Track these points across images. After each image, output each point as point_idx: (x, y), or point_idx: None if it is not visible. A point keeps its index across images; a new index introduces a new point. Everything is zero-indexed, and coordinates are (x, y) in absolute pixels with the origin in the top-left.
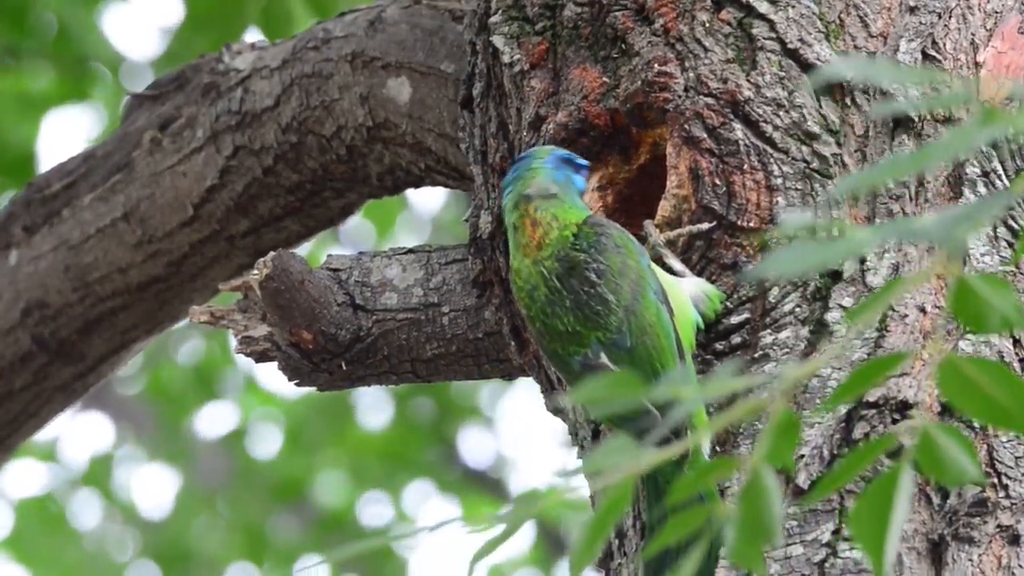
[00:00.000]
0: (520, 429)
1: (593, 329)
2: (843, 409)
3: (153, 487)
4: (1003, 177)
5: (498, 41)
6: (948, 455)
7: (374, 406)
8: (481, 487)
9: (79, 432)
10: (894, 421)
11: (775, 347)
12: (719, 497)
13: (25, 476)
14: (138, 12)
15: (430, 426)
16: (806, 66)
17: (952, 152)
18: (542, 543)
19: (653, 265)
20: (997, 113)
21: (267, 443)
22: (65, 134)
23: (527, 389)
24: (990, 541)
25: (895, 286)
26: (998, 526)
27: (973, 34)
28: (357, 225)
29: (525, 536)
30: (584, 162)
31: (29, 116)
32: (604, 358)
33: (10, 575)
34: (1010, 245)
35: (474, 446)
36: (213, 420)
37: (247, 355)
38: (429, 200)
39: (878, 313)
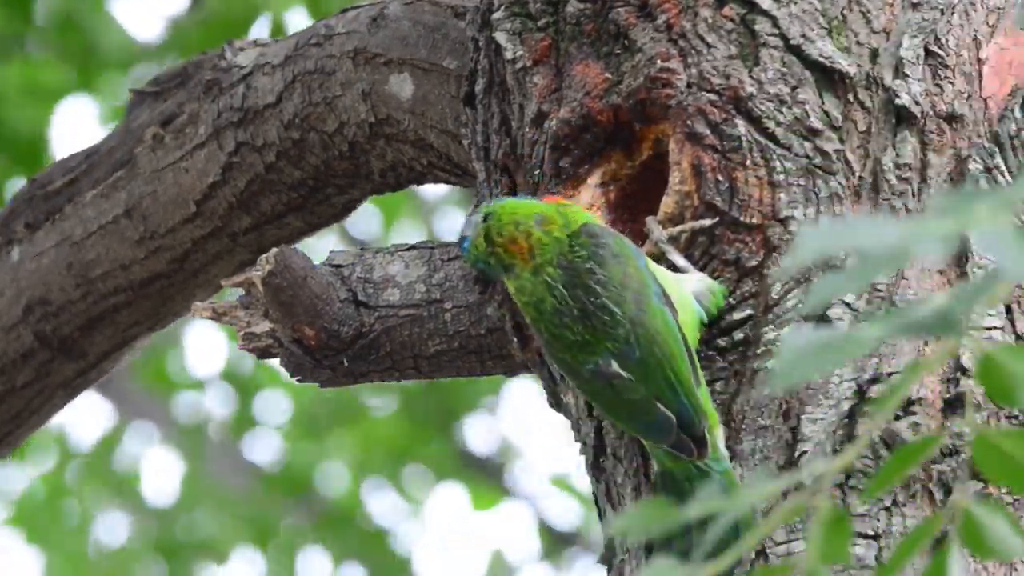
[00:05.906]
0: (523, 417)
1: (602, 339)
2: (845, 405)
3: (158, 474)
4: (1005, 173)
5: (501, 37)
6: (993, 534)
7: (378, 394)
8: (483, 474)
9: (83, 418)
10: (897, 417)
11: (778, 343)
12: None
13: (29, 463)
14: (145, 3)
15: (433, 414)
16: (809, 62)
17: None
18: (546, 538)
19: (651, 264)
20: None
21: (271, 429)
22: (78, 122)
23: (530, 380)
24: None
25: (912, 374)
26: None
27: (976, 30)
28: (364, 217)
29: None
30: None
31: (40, 105)
32: (615, 366)
33: (16, 557)
34: None
35: (477, 432)
36: (218, 408)
37: (249, 351)
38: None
39: (897, 404)
